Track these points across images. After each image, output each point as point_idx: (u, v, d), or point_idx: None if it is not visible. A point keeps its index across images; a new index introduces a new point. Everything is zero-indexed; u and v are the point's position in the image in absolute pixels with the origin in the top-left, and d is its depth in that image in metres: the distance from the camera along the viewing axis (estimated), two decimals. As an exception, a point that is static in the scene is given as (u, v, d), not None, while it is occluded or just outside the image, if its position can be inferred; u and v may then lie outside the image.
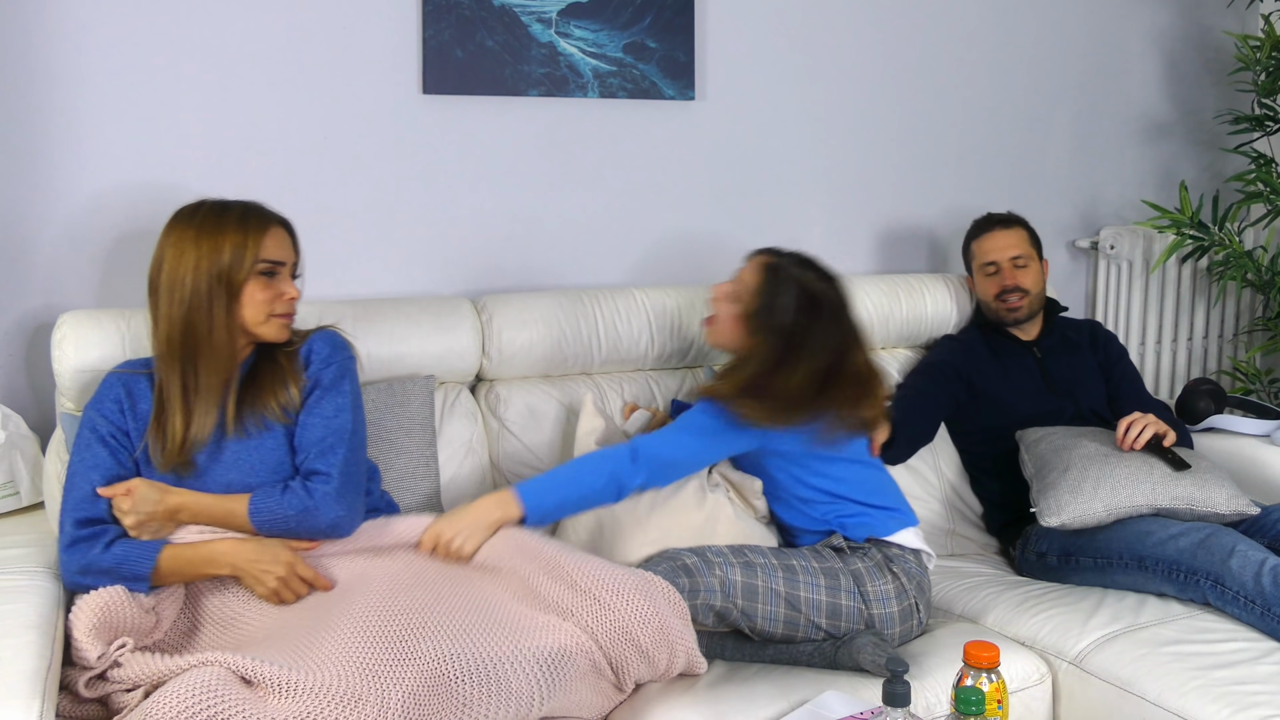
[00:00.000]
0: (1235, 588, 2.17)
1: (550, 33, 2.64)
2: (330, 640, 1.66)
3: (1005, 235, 2.80)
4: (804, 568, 2.11)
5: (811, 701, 1.90)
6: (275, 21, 2.41)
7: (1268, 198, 3.24)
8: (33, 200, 2.27)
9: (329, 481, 1.87)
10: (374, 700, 1.56)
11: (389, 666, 1.62)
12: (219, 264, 1.85)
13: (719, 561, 2.04)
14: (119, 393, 1.92)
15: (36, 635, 1.64)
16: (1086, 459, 2.44)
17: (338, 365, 1.96)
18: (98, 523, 1.82)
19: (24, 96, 2.25)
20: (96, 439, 1.88)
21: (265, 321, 1.90)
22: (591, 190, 2.75)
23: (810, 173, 3.01)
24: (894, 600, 2.13)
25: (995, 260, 2.78)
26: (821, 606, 2.09)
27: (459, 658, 1.67)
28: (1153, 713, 1.97)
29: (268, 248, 1.89)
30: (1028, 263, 2.78)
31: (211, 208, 1.91)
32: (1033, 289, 2.78)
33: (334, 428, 1.91)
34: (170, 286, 1.86)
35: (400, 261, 2.58)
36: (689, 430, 2.14)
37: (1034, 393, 2.73)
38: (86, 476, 1.85)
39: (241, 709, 1.50)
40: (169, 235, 1.89)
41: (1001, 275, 2.78)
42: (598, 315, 2.53)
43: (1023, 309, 2.77)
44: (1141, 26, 3.48)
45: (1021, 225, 2.84)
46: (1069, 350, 2.81)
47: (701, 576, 2.01)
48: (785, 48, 2.94)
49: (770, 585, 2.06)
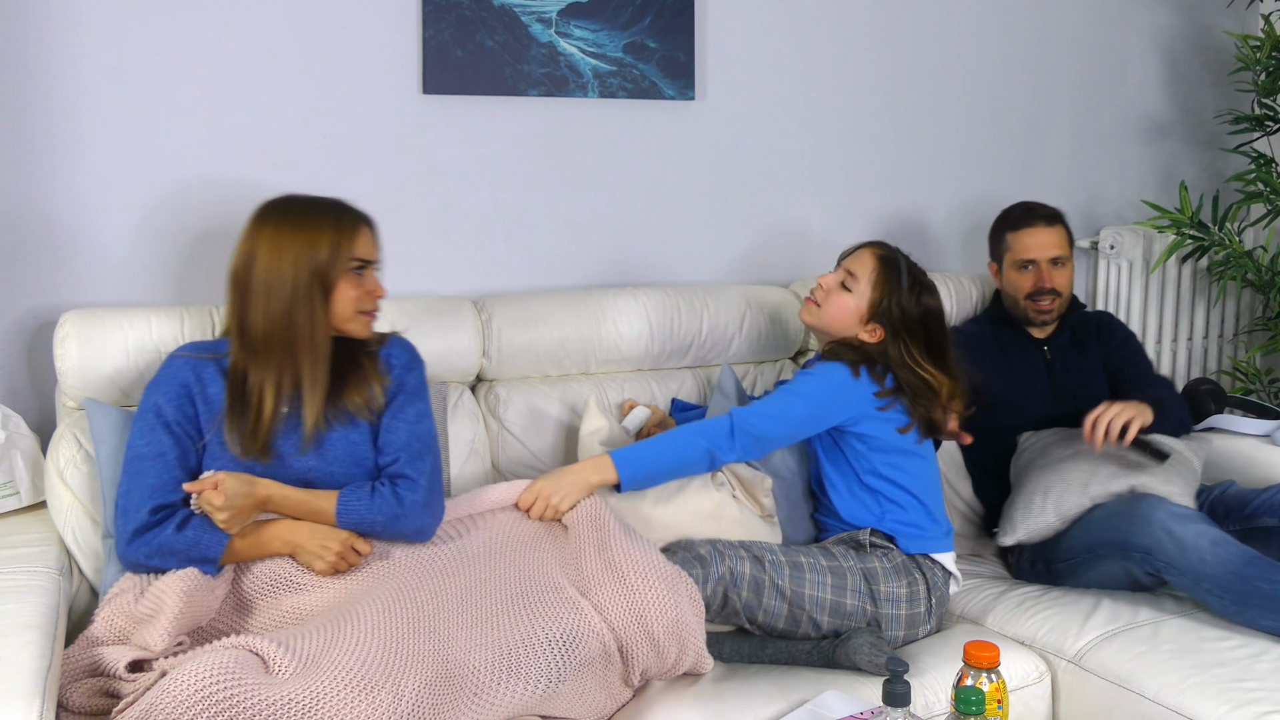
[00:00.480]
0: (1164, 558, 2.20)
1: (550, 33, 2.64)
2: (352, 627, 1.67)
3: (1048, 233, 2.67)
4: (811, 565, 2.12)
5: (811, 701, 1.90)
6: (275, 21, 2.41)
7: (1268, 198, 3.24)
8: (33, 199, 2.27)
9: (417, 489, 1.92)
10: (389, 687, 1.56)
11: (406, 654, 1.63)
12: (316, 260, 1.89)
13: (729, 553, 2.07)
14: (186, 377, 1.93)
15: (37, 635, 1.64)
16: (1043, 468, 2.46)
17: (417, 373, 2.04)
18: (169, 508, 1.85)
19: (24, 96, 2.25)
20: (161, 425, 1.89)
21: (353, 318, 1.94)
22: (591, 190, 2.75)
23: (810, 173, 3.01)
24: (904, 604, 2.14)
25: (1034, 259, 2.65)
26: (825, 604, 2.10)
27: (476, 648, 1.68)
28: (1152, 710, 1.97)
29: (360, 246, 1.93)
30: (1065, 263, 2.67)
31: (305, 204, 1.94)
32: (1065, 291, 2.68)
33: (419, 434, 1.98)
34: (267, 283, 1.88)
35: (400, 261, 2.57)
36: (799, 396, 2.20)
37: (1040, 394, 2.67)
38: (156, 462, 1.87)
39: (255, 692, 1.50)
40: (260, 230, 1.91)
41: (1038, 275, 2.65)
42: (598, 315, 2.53)
43: (1053, 313, 2.68)
44: (1141, 26, 3.48)
45: (1063, 223, 2.70)
46: (1078, 349, 2.72)
47: (713, 566, 2.04)
48: (785, 48, 2.94)
49: (775, 581, 2.08)
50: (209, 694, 1.48)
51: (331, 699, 1.52)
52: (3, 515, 2.14)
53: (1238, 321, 3.64)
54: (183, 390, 1.92)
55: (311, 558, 1.86)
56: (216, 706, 1.47)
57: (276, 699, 1.50)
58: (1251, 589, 2.11)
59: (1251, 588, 2.11)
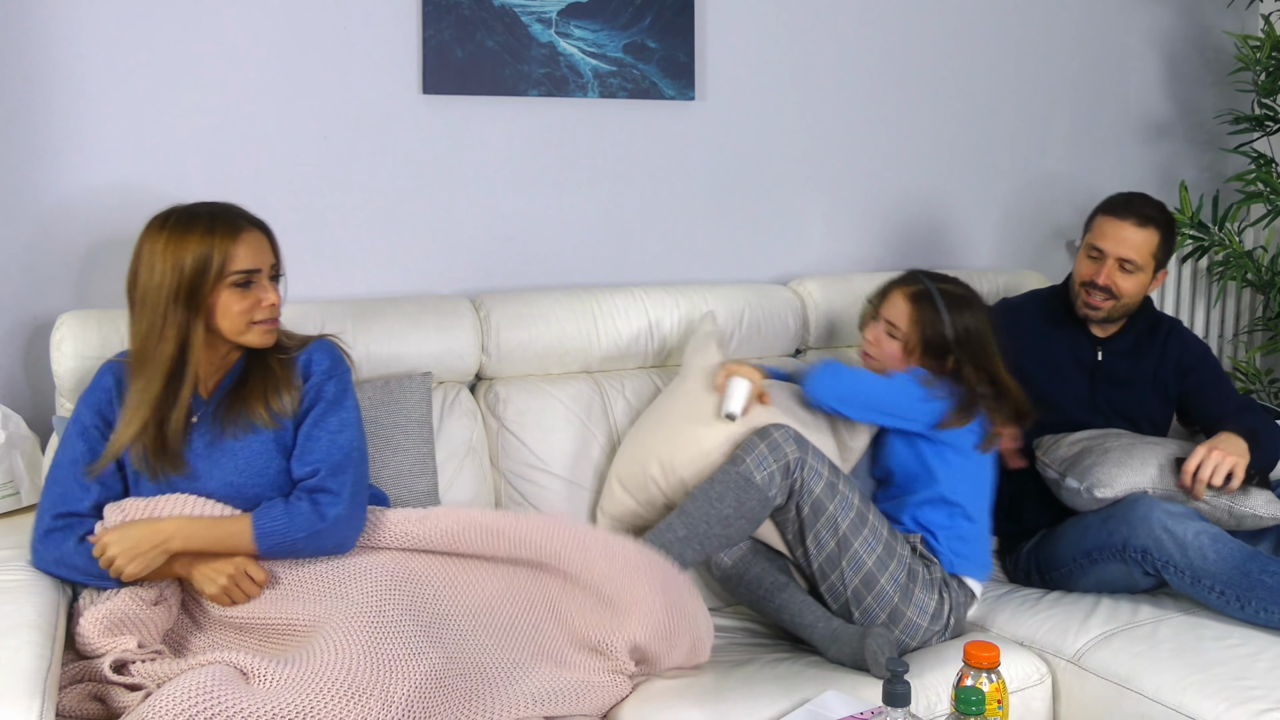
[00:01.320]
0: (1163, 557, 2.19)
1: (550, 33, 2.64)
2: (336, 633, 1.66)
3: (1134, 232, 2.45)
4: (874, 528, 2.13)
5: (811, 701, 1.90)
6: (275, 21, 2.41)
7: (1268, 198, 3.24)
8: (33, 200, 2.27)
9: (338, 503, 1.85)
10: (378, 694, 1.56)
11: (396, 661, 1.62)
12: (181, 278, 1.80)
13: (816, 463, 2.09)
14: (109, 382, 1.91)
15: (37, 635, 1.63)
16: (1137, 443, 2.39)
17: (339, 380, 1.95)
18: (73, 515, 1.83)
19: (23, 96, 2.25)
20: (78, 431, 1.88)
21: (246, 330, 1.86)
22: (591, 190, 2.75)
23: (810, 172, 3.01)
24: (928, 617, 2.15)
25: (1103, 249, 2.46)
26: (863, 568, 2.11)
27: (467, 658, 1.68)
28: (1151, 709, 1.97)
29: (238, 258, 1.83)
30: (1136, 271, 2.46)
31: (179, 217, 1.85)
32: (1125, 296, 2.48)
33: (340, 445, 1.90)
34: (142, 299, 1.82)
35: (400, 261, 2.58)
36: (888, 384, 2.26)
37: (1081, 399, 2.53)
38: (68, 469, 1.86)
39: (241, 706, 1.50)
40: (141, 245, 1.85)
41: (1101, 268, 2.47)
42: (597, 314, 2.53)
43: (1102, 311, 2.49)
44: (1141, 26, 3.48)
45: (1159, 227, 2.47)
46: (1135, 355, 2.55)
47: (806, 453, 2.08)
48: (785, 48, 2.94)
49: (835, 515, 2.10)
50: (191, 713, 1.48)
51: (320, 709, 1.52)
52: (3, 515, 2.14)
53: (1238, 321, 3.64)
54: (104, 395, 1.89)
55: (205, 581, 1.81)
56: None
57: (262, 711, 1.50)
58: (1255, 583, 2.11)
59: (1255, 581, 2.11)
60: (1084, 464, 2.38)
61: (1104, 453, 2.38)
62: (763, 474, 2.06)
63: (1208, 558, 2.15)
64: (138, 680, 1.70)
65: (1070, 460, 2.41)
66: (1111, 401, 2.55)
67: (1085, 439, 2.46)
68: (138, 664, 1.72)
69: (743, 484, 2.05)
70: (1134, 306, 2.54)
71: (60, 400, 2.15)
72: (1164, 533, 2.20)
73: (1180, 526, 2.20)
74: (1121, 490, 2.32)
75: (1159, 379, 2.55)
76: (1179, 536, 2.18)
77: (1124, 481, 2.32)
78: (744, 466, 2.07)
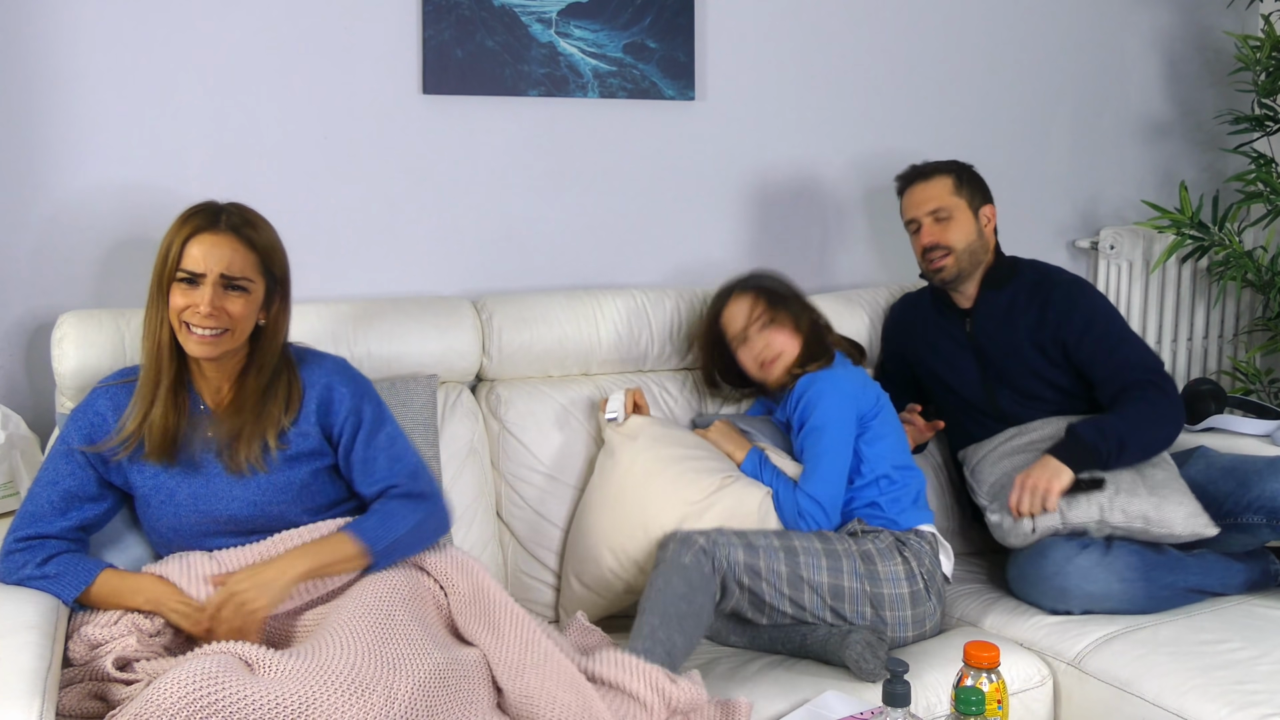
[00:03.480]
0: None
1: (550, 33, 2.63)
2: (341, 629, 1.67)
3: (924, 189, 2.52)
4: (805, 549, 2.13)
5: (811, 701, 1.90)
6: (275, 21, 2.41)
7: (1268, 198, 3.24)
8: (33, 200, 2.27)
9: (430, 495, 1.94)
10: (382, 690, 1.56)
11: (400, 659, 1.62)
12: (158, 269, 1.83)
13: (723, 541, 2.08)
14: (101, 405, 1.89)
15: (36, 635, 1.63)
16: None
17: (369, 399, 1.96)
18: (38, 538, 1.81)
19: (23, 96, 2.24)
20: (63, 453, 1.86)
21: (182, 330, 1.82)
22: (592, 190, 2.75)
23: (810, 173, 3.01)
24: (904, 582, 2.16)
25: (915, 217, 2.52)
26: (824, 588, 2.11)
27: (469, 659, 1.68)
28: (1152, 713, 1.97)
29: (188, 257, 1.81)
30: (951, 213, 2.48)
31: (186, 210, 1.86)
32: (958, 244, 2.48)
33: (399, 454, 1.95)
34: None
35: (400, 261, 2.58)
36: (826, 430, 2.26)
37: (970, 378, 2.54)
38: (45, 489, 1.84)
39: (242, 691, 1.49)
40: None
41: (921, 233, 2.51)
42: (597, 315, 2.53)
43: (948, 267, 2.48)
44: (1141, 26, 3.48)
45: (946, 172, 2.53)
46: (1007, 319, 2.50)
47: (715, 557, 2.05)
48: (785, 48, 2.94)
49: (772, 566, 2.09)
50: (194, 699, 1.48)
51: (323, 702, 1.52)
52: (3, 515, 2.14)
53: (1238, 321, 3.64)
54: (95, 420, 1.87)
55: (179, 618, 1.79)
56: (203, 712, 1.47)
57: (265, 700, 1.50)
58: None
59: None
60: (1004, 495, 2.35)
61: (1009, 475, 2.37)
62: (689, 557, 2.04)
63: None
64: (140, 677, 1.69)
65: (996, 488, 2.41)
66: (1001, 375, 2.51)
67: (1002, 453, 2.46)
68: (141, 661, 1.72)
69: (678, 567, 2.03)
70: (981, 253, 2.52)
71: (61, 400, 2.15)
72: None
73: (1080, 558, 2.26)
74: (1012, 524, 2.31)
75: (1038, 342, 2.47)
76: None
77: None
78: (669, 554, 2.06)
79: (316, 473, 1.92)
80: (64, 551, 1.81)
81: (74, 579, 1.79)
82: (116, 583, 1.80)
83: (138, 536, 1.96)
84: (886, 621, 2.14)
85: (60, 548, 1.81)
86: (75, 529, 1.85)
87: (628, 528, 2.23)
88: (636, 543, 2.22)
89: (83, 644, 1.75)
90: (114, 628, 1.76)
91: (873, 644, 2.01)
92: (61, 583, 1.78)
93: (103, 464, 1.87)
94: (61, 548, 1.82)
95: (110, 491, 1.89)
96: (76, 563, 1.80)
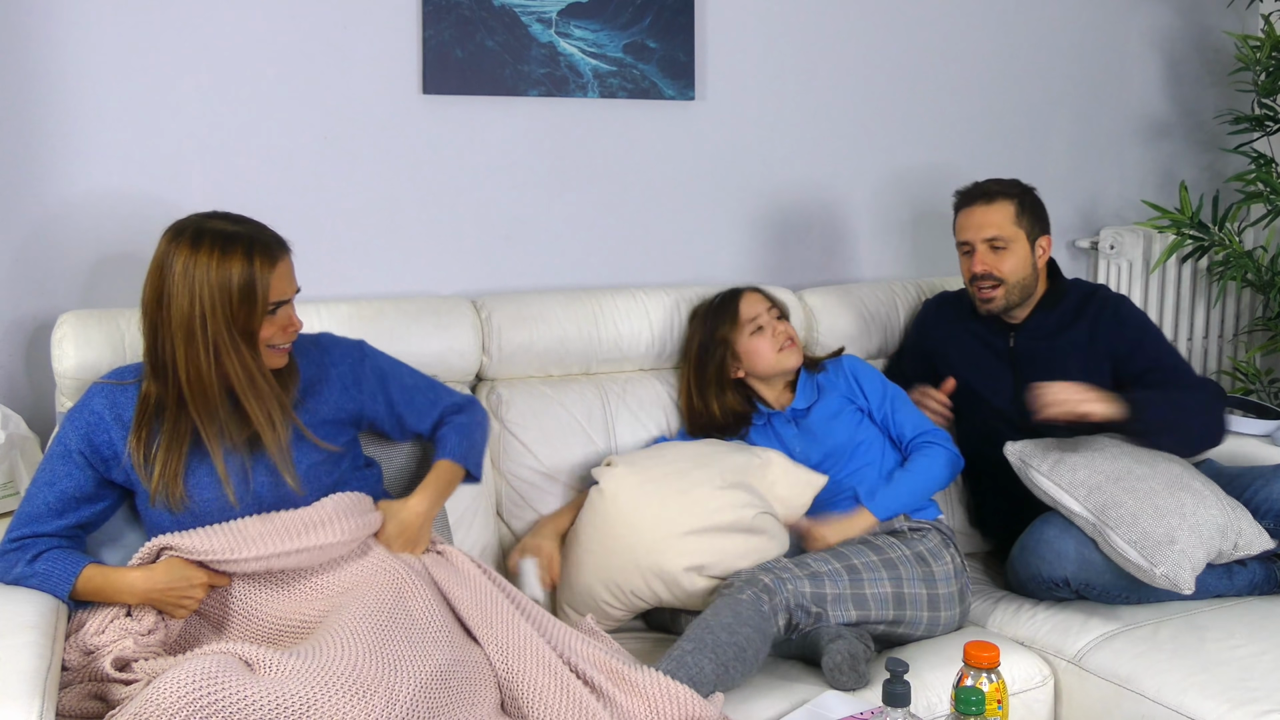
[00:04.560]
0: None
1: (550, 33, 2.64)
2: (343, 630, 1.66)
3: (984, 212, 2.44)
4: (866, 565, 2.13)
5: (811, 701, 1.90)
6: (275, 21, 2.41)
7: (1268, 198, 3.24)
8: (33, 200, 2.27)
9: (467, 400, 2.17)
10: (383, 691, 1.56)
11: (402, 660, 1.62)
12: (231, 309, 1.76)
13: (787, 577, 2.04)
14: (98, 405, 1.87)
15: (36, 635, 1.63)
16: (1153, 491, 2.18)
17: (368, 352, 2.05)
18: (30, 539, 1.81)
19: (23, 97, 2.25)
20: (61, 453, 1.85)
21: (264, 353, 1.83)
22: (592, 190, 2.75)
23: (810, 173, 3.01)
24: (953, 579, 2.19)
25: (969, 240, 2.45)
26: (888, 599, 2.12)
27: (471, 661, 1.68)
28: (1152, 710, 1.97)
29: (276, 287, 1.80)
30: (1009, 244, 2.42)
31: (216, 239, 1.77)
32: (1010, 277, 2.42)
33: (424, 384, 2.11)
34: (188, 330, 1.75)
35: (400, 261, 2.58)
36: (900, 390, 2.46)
37: (1003, 389, 2.47)
38: (43, 490, 1.84)
39: (243, 694, 1.49)
40: (173, 265, 1.76)
41: (975, 258, 2.44)
42: (597, 315, 2.53)
43: (997, 299, 2.43)
44: (1141, 27, 3.48)
45: (1009, 197, 2.45)
46: (1053, 337, 2.45)
47: (779, 594, 2.01)
48: (785, 48, 2.94)
49: (837, 590, 2.07)
50: (194, 699, 1.47)
51: (324, 703, 1.51)
52: (3, 515, 2.14)
53: (1238, 321, 3.64)
54: (93, 420, 1.85)
55: (172, 607, 1.80)
56: (202, 713, 1.47)
57: (266, 700, 1.49)
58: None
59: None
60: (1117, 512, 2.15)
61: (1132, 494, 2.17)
62: (748, 593, 2.00)
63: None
64: (139, 677, 1.69)
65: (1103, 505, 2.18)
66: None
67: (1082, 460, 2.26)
68: (139, 661, 1.72)
69: (732, 601, 1.99)
70: (1031, 284, 2.47)
71: (60, 399, 2.15)
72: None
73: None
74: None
75: (1090, 359, 2.41)
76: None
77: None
78: (732, 589, 2.02)
79: (330, 455, 1.93)
80: (54, 548, 1.81)
81: (63, 574, 1.78)
82: (100, 580, 1.79)
83: (138, 535, 1.96)
84: (940, 622, 2.16)
85: (51, 544, 1.81)
86: (72, 527, 1.85)
87: (618, 563, 2.19)
88: (627, 575, 2.18)
89: (76, 651, 1.75)
90: (101, 636, 1.76)
91: (855, 655, 1.97)
92: (53, 579, 1.78)
93: (104, 463, 1.86)
94: (52, 544, 1.81)
95: (109, 491, 1.88)
96: (64, 558, 1.80)
